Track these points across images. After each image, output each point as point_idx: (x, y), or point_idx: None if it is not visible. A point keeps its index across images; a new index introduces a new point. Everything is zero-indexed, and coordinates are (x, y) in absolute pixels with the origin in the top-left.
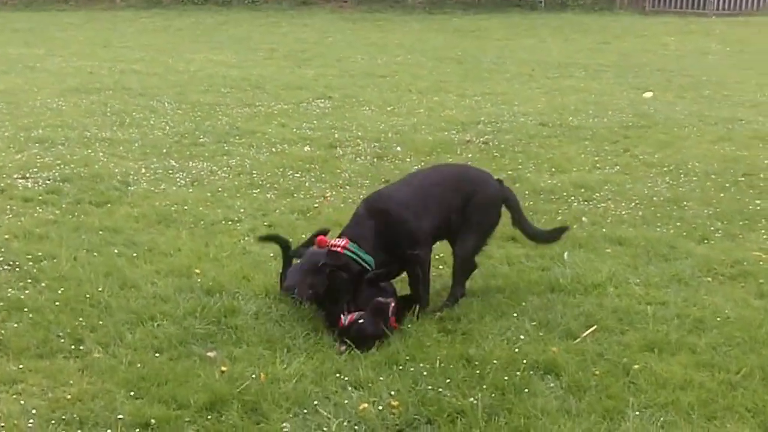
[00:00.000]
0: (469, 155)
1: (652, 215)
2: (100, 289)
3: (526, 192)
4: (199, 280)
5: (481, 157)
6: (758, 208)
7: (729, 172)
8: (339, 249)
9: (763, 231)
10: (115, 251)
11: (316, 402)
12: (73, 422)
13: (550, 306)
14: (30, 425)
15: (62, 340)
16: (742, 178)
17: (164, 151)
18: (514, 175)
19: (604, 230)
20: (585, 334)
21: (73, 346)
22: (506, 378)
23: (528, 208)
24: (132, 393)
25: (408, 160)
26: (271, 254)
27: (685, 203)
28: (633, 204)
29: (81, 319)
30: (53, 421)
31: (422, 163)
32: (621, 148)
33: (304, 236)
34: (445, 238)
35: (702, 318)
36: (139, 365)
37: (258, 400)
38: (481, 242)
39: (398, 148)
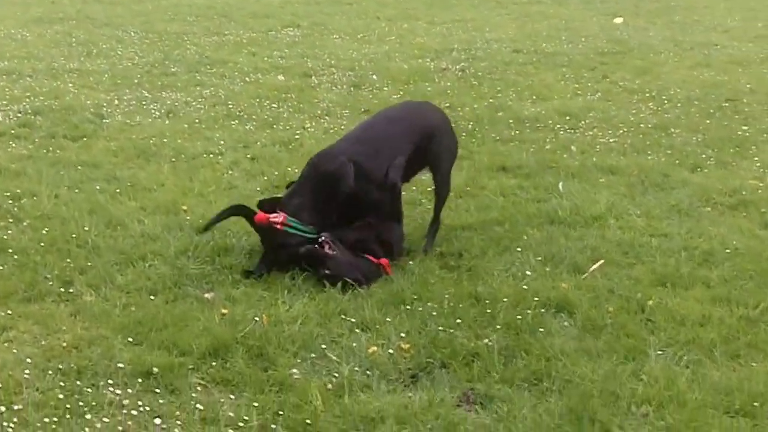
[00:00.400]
0: (447, 83)
1: (641, 143)
2: (86, 228)
3: (510, 121)
4: (187, 217)
5: (460, 85)
6: (747, 134)
7: (711, 98)
8: (278, 225)
9: (755, 158)
10: (97, 187)
11: (323, 345)
12: (70, 372)
13: (552, 239)
14: (27, 376)
15: (50, 283)
16: (726, 104)
17: (135, 81)
18: (495, 104)
19: (594, 159)
20: (592, 269)
21: (62, 289)
22: (519, 317)
23: (514, 138)
24: (130, 339)
25: (386, 89)
26: (258, 189)
27: (672, 130)
28: (620, 132)
29: (68, 260)
30: (50, 372)
31: (401, 93)
32: (599, 75)
33: (289, 169)
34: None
35: (710, 250)
36: (133, 309)
37: (263, 344)
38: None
39: (374, 77)
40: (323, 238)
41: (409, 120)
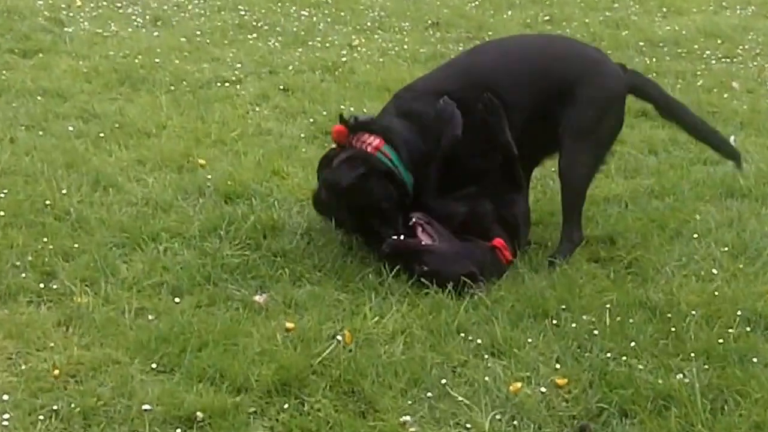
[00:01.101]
0: None
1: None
2: (63, 190)
3: (641, 43)
4: (208, 176)
5: None
6: None
7: None
8: (370, 148)
9: None
10: (70, 128)
11: (443, 380)
12: (71, 417)
13: (740, 221)
14: (5, 423)
15: (23, 275)
16: None
17: None
18: (614, 18)
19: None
20: None
21: (42, 285)
22: (719, 340)
23: (650, 69)
24: (153, 365)
25: None
26: (302, 135)
27: None
28: None
29: (45, 239)
30: (40, 416)
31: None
32: None
33: (342, 107)
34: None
35: None
36: (151, 317)
37: (353, 376)
38: (598, 160)
39: None
40: (415, 219)
41: (542, 63)
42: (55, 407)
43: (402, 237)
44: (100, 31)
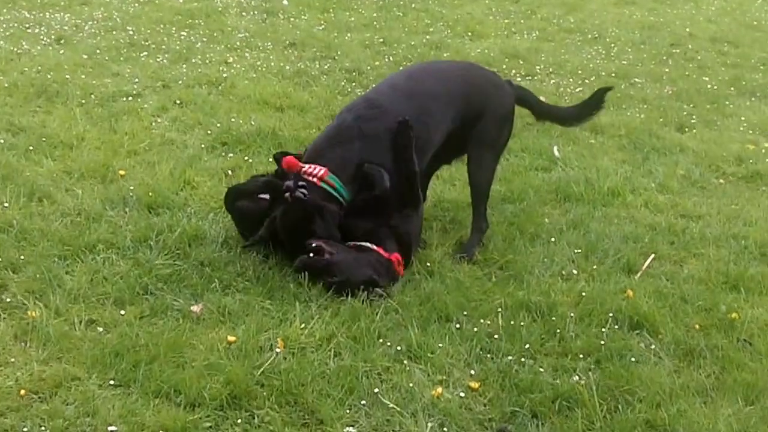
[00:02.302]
0: (373, 14)
1: (611, 95)
2: (5, 203)
3: None
4: (130, 187)
5: (385, 15)
6: (714, 88)
7: (656, 42)
8: (315, 180)
9: (737, 117)
10: (1, 141)
11: (375, 389)
12: None
13: (580, 223)
14: None
15: None
16: (675, 50)
17: None
18: (433, 41)
19: None
20: (645, 266)
21: None
22: (600, 341)
23: None
24: (111, 381)
25: (303, 17)
26: (202, 145)
27: (635, 80)
28: (581, 80)
29: None
30: None
31: (323, 24)
32: (525, 9)
33: (233, 120)
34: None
35: (763, 241)
36: (101, 330)
37: (295, 386)
38: (497, 163)
39: (285, 2)
40: (314, 244)
41: (464, 88)
42: (25, 429)
43: (310, 255)
44: (14, 49)
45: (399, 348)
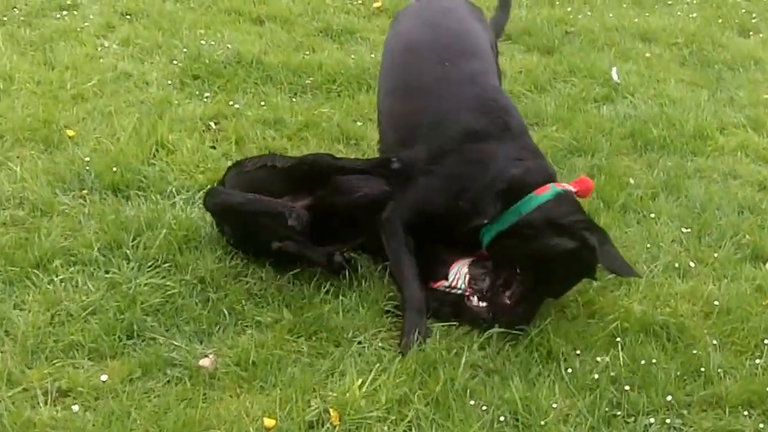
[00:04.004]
0: None
1: None
2: None
3: None
4: (86, 158)
5: None
6: None
7: None
8: None
9: None
10: None
11: None
12: None
13: (674, 185)
14: None
15: None
16: None
17: None
18: None
19: (610, 16)
20: None
21: None
22: (758, 379)
23: None
24: None
25: None
26: (168, 81)
27: None
28: None
29: None
30: None
31: None
32: None
33: (202, 33)
34: None
35: None
36: (76, 408)
37: None
38: None
39: None
40: None
41: None
42: None
43: None
44: None
45: (500, 414)
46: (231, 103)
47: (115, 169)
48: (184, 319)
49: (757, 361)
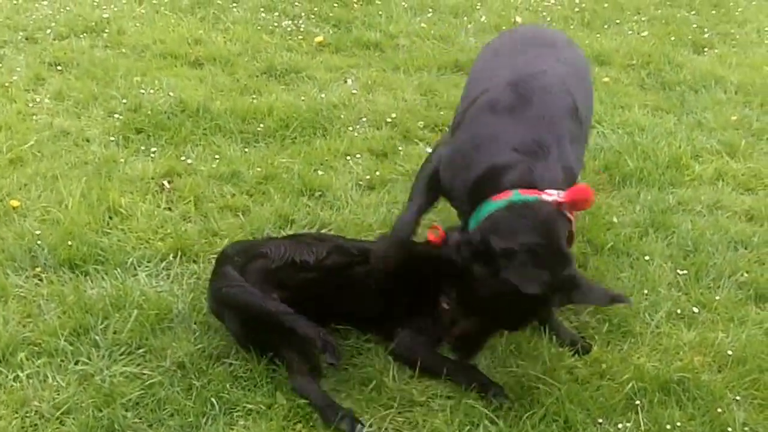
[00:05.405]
0: None
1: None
2: None
3: None
4: (36, 231)
5: None
6: None
7: None
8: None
9: (750, 24)
10: None
11: None
12: None
13: (660, 221)
14: None
15: None
16: None
17: None
18: None
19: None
20: None
21: None
22: None
23: None
24: None
25: None
26: (111, 137)
27: None
28: None
29: None
30: None
31: None
32: None
33: (137, 80)
34: None
35: None
36: None
37: None
38: None
39: None
40: None
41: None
42: None
43: None
44: None
45: None
46: (182, 158)
47: (70, 242)
48: (167, 412)
49: None
